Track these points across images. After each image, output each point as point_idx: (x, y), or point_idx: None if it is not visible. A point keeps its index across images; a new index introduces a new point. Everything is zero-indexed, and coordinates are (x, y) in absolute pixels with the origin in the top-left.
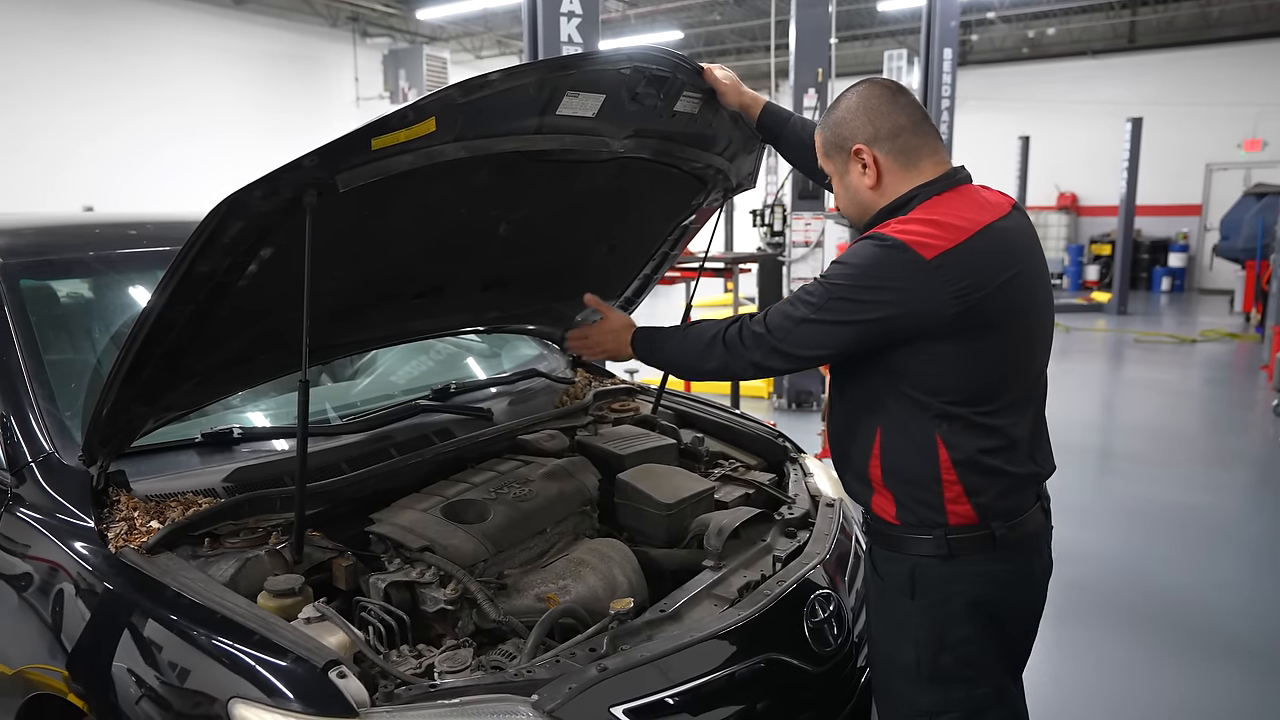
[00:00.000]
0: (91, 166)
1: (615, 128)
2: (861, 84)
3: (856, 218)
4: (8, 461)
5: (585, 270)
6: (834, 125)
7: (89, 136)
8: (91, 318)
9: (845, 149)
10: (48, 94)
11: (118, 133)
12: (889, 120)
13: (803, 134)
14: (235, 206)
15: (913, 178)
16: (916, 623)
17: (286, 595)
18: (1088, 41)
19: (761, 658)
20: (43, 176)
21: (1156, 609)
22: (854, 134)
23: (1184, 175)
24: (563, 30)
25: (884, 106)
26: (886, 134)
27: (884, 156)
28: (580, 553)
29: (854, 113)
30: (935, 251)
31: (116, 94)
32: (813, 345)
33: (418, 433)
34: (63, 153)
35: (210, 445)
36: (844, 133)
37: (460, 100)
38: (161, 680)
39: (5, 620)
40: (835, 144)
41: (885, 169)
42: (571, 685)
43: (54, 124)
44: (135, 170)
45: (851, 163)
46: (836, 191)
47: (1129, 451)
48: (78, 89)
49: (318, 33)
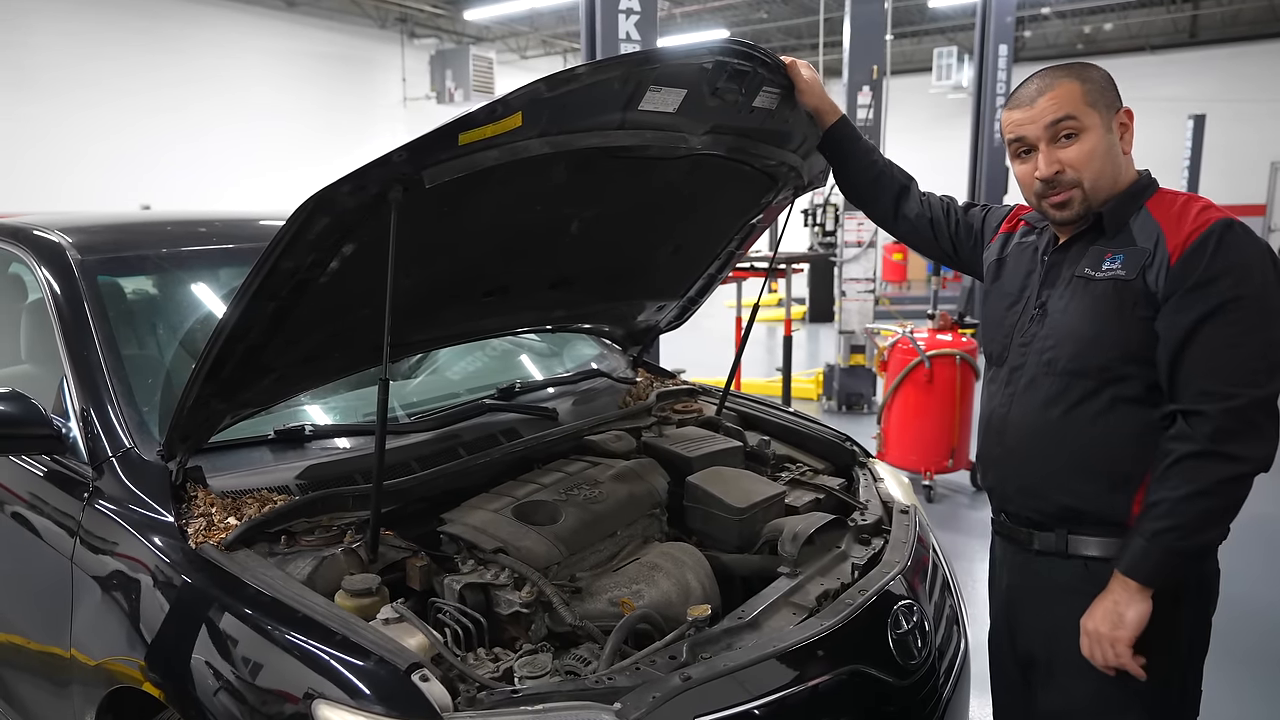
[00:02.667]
0: (145, 167)
1: (694, 123)
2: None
3: (1097, 180)
4: (89, 455)
5: (650, 269)
6: (1100, 81)
7: (142, 136)
8: (164, 314)
9: (1114, 108)
10: (105, 97)
11: (171, 133)
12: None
13: (869, 159)
14: (323, 202)
15: (1131, 170)
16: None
17: (364, 595)
18: (1146, 37)
19: (846, 669)
20: (97, 177)
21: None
22: (1117, 101)
23: (1247, 173)
24: (620, 27)
25: None
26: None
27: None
28: (652, 556)
29: (1111, 84)
30: None
31: (172, 94)
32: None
33: (484, 432)
34: (117, 153)
35: (282, 442)
36: (1113, 95)
37: (546, 94)
38: (240, 675)
39: (88, 613)
40: (1106, 98)
41: (1129, 147)
42: (655, 695)
43: (110, 124)
44: (185, 168)
45: (1117, 123)
46: (1084, 152)
47: None
48: (135, 93)
49: (366, 34)
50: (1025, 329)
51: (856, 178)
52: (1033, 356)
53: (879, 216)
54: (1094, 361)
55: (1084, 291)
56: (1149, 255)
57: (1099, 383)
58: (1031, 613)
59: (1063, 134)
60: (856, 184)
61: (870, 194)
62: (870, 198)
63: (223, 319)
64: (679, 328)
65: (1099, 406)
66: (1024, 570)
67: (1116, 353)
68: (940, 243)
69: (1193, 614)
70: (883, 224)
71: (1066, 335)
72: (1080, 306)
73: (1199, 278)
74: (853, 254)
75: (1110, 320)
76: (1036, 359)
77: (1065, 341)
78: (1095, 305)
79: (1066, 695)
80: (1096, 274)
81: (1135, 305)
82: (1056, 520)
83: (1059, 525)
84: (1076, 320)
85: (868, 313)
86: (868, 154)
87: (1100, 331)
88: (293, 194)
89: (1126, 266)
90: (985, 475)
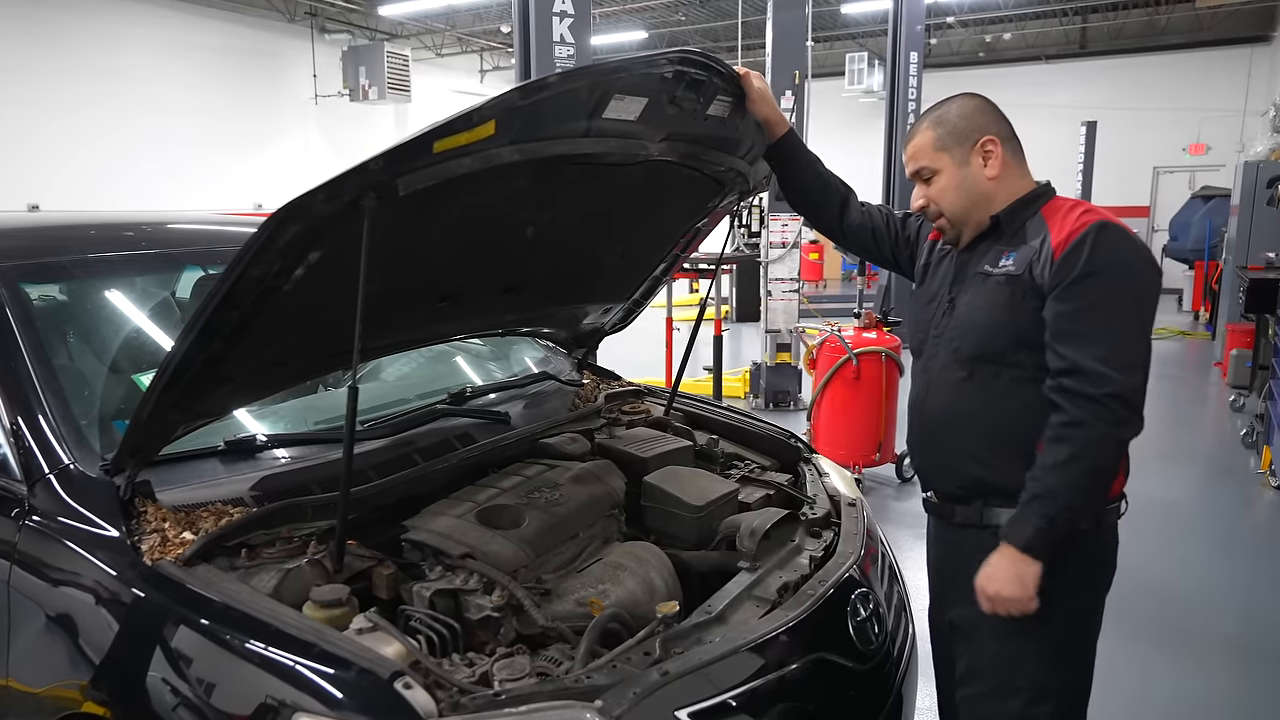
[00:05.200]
0: (35, 165)
1: (653, 130)
2: (967, 94)
3: (965, 209)
4: (23, 473)
5: (599, 273)
6: (953, 121)
7: (31, 134)
8: (96, 323)
9: (970, 140)
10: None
11: (62, 130)
12: (1006, 124)
13: (815, 169)
14: (295, 210)
15: (1024, 179)
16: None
17: (334, 606)
18: (1041, 47)
19: (812, 657)
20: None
21: (1131, 599)
22: (984, 128)
23: (1133, 177)
24: (555, 30)
25: (997, 112)
26: (1007, 135)
27: (1007, 153)
28: (616, 556)
29: (976, 111)
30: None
31: (63, 89)
32: (1145, 351)
33: (439, 437)
34: (3, 151)
35: (232, 453)
36: (970, 126)
37: (520, 103)
38: (206, 692)
39: (28, 639)
40: (956, 137)
41: (1005, 164)
42: (635, 691)
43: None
44: (81, 166)
45: (974, 155)
46: (941, 189)
47: None
48: (20, 85)
49: (274, 28)
50: (939, 322)
51: (803, 187)
52: (944, 346)
53: (825, 225)
54: (993, 347)
55: (983, 286)
56: (1036, 252)
57: (998, 366)
58: (954, 582)
59: (922, 177)
60: (803, 193)
61: (818, 201)
62: (817, 205)
63: (186, 328)
64: (624, 329)
65: (999, 387)
66: (949, 543)
67: (1011, 339)
68: (883, 250)
69: (1090, 579)
70: (829, 233)
71: (970, 326)
72: (980, 299)
73: (1079, 272)
74: (778, 254)
75: (1005, 310)
76: (946, 348)
77: (969, 331)
78: (992, 297)
79: (976, 654)
80: (994, 270)
81: (1025, 296)
82: (972, 493)
83: (975, 498)
84: (977, 312)
85: (793, 312)
86: (813, 164)
87: (997, 321)
88: (199, 195)
89: (1018, 263)
90: (913, 457)
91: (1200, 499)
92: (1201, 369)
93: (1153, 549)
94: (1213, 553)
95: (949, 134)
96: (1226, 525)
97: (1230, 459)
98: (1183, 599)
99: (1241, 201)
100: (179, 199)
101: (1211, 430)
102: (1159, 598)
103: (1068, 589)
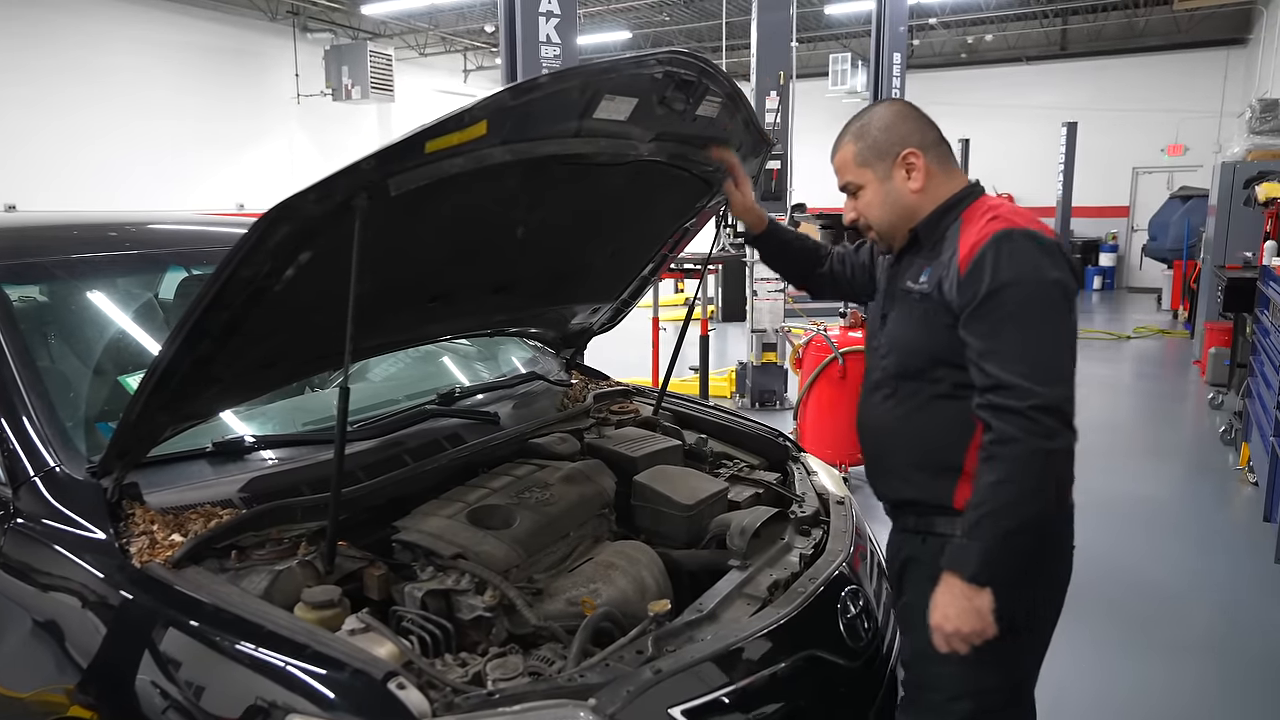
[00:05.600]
0: (14, 165)
1: (642, 131)
2: (889, 101)
3: (892, 222)
4: (7, 476)
5: (588, 273)
6: (874, 135)
7: (12, 134)
8: (79, 325)
9: (891, 154)
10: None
11: (37, 130)
12: (931, 130)
13: (799, 244)
14: (286, 210)
15: (951, 183)
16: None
17: (326, 607)
18: (1023, 48)
19: (803, 655)
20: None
21: (1111, 596)
22: (904, 140)
23: (1112, 178)
24: (541, 30)
25: (921, 119)
26: (932, 142)
27: (930, 162)
28: (607, 556)
29: (898, 121)
30: (1049, 233)
31: (35, 87)
32: (1066, 360)
33: (428, 438)
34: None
35: (220, 455)
36: (891, 139)
37: (511, 103)
38: (196, 694)
39: (13, 643)
40: (877, 152)
41: (930, 174)
42: (629, 689)
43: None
44: (61, 167)
45: (896, 168)
46: (868, 203)
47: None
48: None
49: (256, 26)
50: (875, 338)
51: (789, 268)
52: (876, 362)
53: (813, 289)
54: (913, 364)
55: (905, 302)
56: (945, 268)
57: (919, 383)
58: (908, 583)
59: (849, 191)
60: (791, 273)
61: (809, 270)
62: (802, 275)
63: (175, 328)
64: (612, 329)
65: (919, 404)
66: (900, 546)
67: (929, 357)
68: (856, 291)
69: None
70: (815, 294)
71: (894, 343)
72: (902, 316)
73: (985, 290)
74: None
75: (921, 328)
76: (878, 364)
77: (894, 349)
78: (910, 314)
79: (913, 644)
80: (913, 287)
81: (938, 314)
82: (908, 506)
83: (910, 511)
84: (899, 329)
85: (779, 312)
86: (796, 240)
87: (915, 338)
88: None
89: (929, 280)
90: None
91: (1179, 495)
92: (1180, 367)
93: (1132, 544)
94: (1191, 548)
95: (870, 149)
96: (1205, 521)
97: (1208, 456)
98: (1161, 594)
99: (1219, 202)
100: (160, 199)
101: (1191, 427)
102: (1138, 593)
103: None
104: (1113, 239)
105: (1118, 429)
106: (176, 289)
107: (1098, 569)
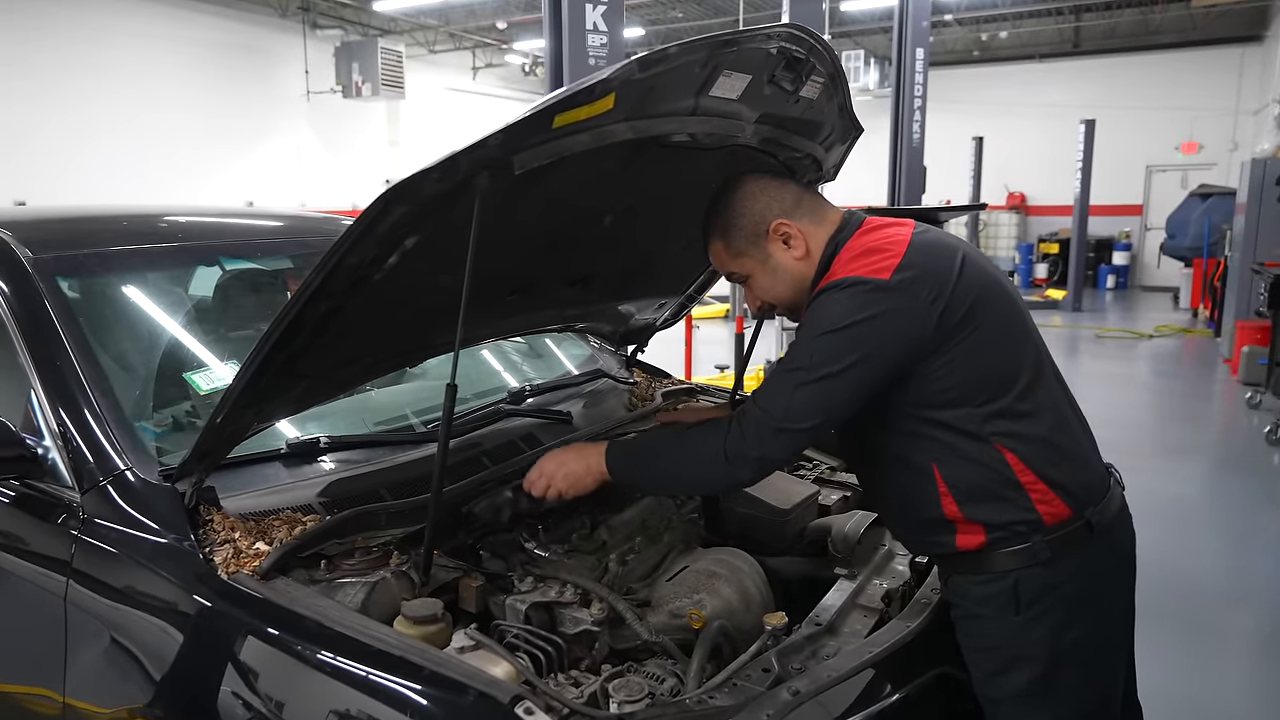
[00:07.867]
0: (24, 160)
1: (749, 111)
2: (731, 183)
3: (791, 295)
4: (75, 480)
5: (660, 265)
6: (737, 223)
7: (22, 129)
8: (138, 320)
9: (761, 234)
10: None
11: (45, 126)
12: (785, 191)
13: None
14: (405, 191)
15: (825, 230)
16: (1028, 638)
17: (429, 622)
18: (1036, 46)
19: (935, 671)
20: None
21: (1159, 598)
22: (765, 215)
23: (1126, 176)
24: (588, 17)
25: (770, 185)
26: (792, 203)
27: (801, 223)
28: (707, 564)
29: (751, 200)
30: (889, 271)
31: (42, 82)
32: (817, 410)
33: (504, 439)
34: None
35: (294, 456)
36: (754, 219)
37: (639, 75)
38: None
39: (88, 658)
40: (746, 238)
41: (807, 234)
42: (769, 713)
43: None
44: (63, 164)
45: (773, 245)
46: (762, 287)
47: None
48: (11, 80)
49: (266, 23)
50: None
51: None
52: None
53: None
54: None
55: None
56: None
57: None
58: None
59: (739, 281)
60: None
61: None
62: None
63: (275, 320)
64: (672, 326)
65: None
66: None
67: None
68: None
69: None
70: None
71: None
72: None
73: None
74: None
75: None
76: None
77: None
78: None
79: None
80: None
81: None
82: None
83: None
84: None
85: None
86: None
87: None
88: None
89: None
90: None
91: (1221, 495)
92: (1205, 366)
93: (1173, 544)
94: (1238, 549)
95: (739, 238)
96: (1251, 522)
97: (1247, 455)
98: (1209, 595)
99: (1249, 199)
100: (169, 195)
101: (1227, 427)
102: (1183, 593)
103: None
104: (1126, 237)
105: (1151, 428)
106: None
107: (1157, 571)
